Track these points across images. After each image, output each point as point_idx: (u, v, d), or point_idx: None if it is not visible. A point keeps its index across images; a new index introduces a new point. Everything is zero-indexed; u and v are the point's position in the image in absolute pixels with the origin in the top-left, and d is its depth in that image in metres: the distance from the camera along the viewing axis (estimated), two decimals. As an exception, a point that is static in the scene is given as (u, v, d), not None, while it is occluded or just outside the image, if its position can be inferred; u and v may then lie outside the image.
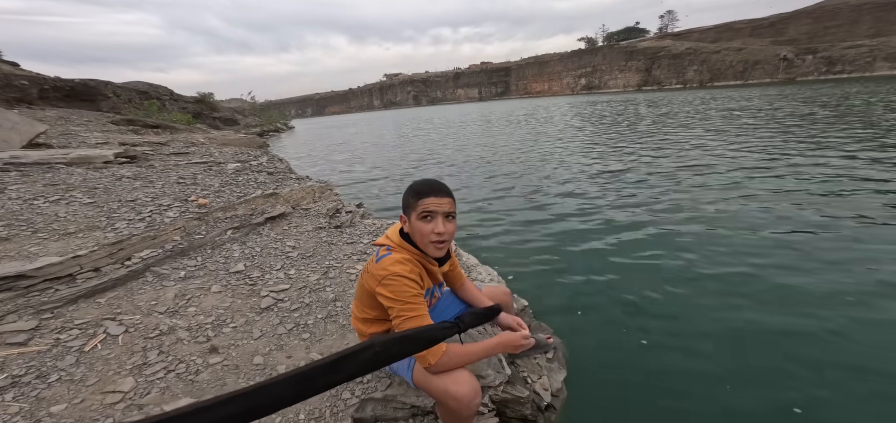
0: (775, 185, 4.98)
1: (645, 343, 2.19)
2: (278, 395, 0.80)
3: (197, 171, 5.12)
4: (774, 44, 58.71)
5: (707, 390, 1.84)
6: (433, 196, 1.16)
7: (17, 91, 11.27)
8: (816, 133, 8.59)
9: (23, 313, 1.95)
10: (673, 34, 78.21)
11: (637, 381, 1.93)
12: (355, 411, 1.40)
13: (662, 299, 2.60)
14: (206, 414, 0.72)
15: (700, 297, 2.60)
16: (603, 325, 2.40)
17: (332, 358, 0.87)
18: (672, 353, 2.10)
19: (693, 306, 2.50)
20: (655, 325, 2.34)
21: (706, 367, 1.98)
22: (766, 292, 2.60)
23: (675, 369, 1.99)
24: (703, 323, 2.33)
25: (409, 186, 1.21)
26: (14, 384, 1.49)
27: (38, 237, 2.67)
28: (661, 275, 2.92)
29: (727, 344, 2.14)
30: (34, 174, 4.05)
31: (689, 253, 3.25)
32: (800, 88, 30.27)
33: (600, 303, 2.63)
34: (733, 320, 2.34)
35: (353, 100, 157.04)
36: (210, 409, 0.71)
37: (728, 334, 2.22)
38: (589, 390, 1.87)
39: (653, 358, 2.08)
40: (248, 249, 2.85)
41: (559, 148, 9.91)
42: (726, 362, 2.01)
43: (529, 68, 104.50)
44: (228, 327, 1.93)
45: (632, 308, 2.53)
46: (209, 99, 24.77)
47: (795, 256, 3.05)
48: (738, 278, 2.79)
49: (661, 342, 2.19)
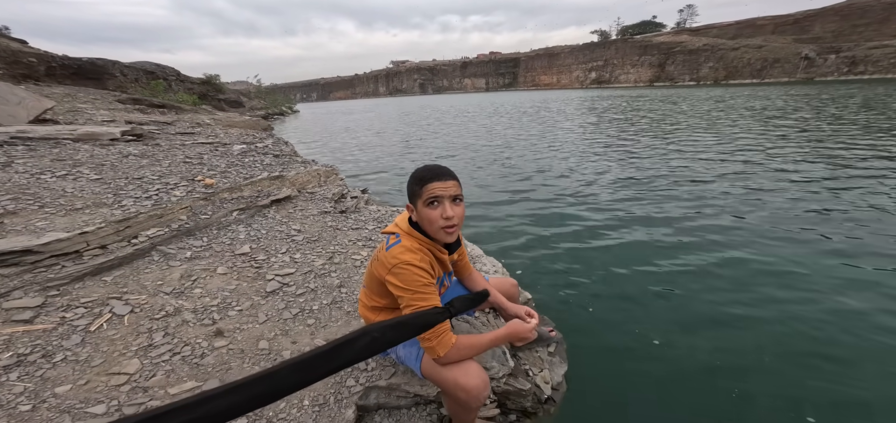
0: (779, 177, 4.87)
1: (657, 343, 2.16)
2: (279, 383, 0.78)
3: (203, 151, 5.10)
4: (797, 41, 56.75)
5: (713, 392, 1.81)
6: (437, 181, 1.12)
7: (24, 68, 11.29)
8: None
9: (29, 290, 1.94)
10: (690, 29, 75.90)
11: (638, 380, 1.92)
12: (359, 398, 1.38)
13: (671, 298, 2.56)
14: (212, 403, 0.70)
15: (708, 296, 2.56)
16: (608, 322, 2.37)
17: (330, 345, 0.86)
18: (677, 353, 2.07)
19: (700, 305, 2.46)
20: (663, 325, 2.30)
21: (713, 369, 1.95)
22: (772, 291, 2.55)
23: (679, 369, 1.96)
24: (712, 324, 2.29)
25: (412, 175, 1.17)
26: (19, 362, 1.49)
27: (45, 212, 2.66)
28: (671, 275, 2.87)
29: (733, 345, 2.10)
30: (41, 149, 4.05)
31: (699, 252, 3.19)
32: (822, 87, 28.88)
33: (606, 300, 2.59)
34: (741, 319, 2.30)
35: (359, 86, 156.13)
36: (215, 398, 0.69)
37: (734, 334, 2.19)
38: (589, 385, 1.87)
39: (657, 357, 2.05)
40: (254, 231, 2.84)
41: (571, 140, 9.78)
42: (732, 361, 1.97)
43: (539, 60, 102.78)
44: (234, 311, 1.92)
45: (638, 306, 2.49)
46: (215, 81, 24.66)
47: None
48: (746, 278, 2.74)
49: (668, 342, 2.16)
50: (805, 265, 2.86)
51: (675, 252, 3.20)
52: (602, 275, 2.91)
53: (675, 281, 2.76)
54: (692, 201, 4.47)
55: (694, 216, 3.98)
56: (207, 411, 0.67)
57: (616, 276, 2.88)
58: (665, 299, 2.55)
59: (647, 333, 2.22)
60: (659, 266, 2.98)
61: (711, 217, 3.93)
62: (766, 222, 3.73)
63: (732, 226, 3.69)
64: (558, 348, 1.89)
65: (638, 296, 2.59)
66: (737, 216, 3.93)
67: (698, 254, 3.15)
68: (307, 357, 0.82)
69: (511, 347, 1.73)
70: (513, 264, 3.08)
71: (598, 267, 3.02)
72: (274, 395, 0.79)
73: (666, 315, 2.39)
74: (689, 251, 3.22)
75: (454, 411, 1.29)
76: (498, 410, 1.46)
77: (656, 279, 2.80)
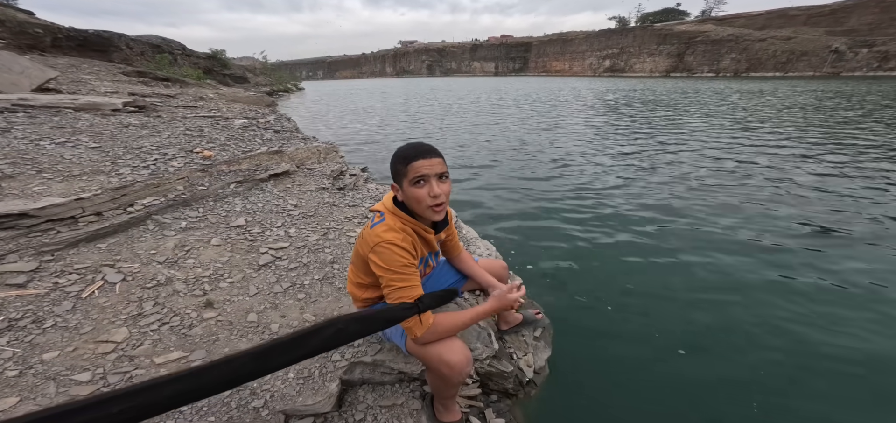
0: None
1: (652, 335, 2.14)
2: (238, 371, 0.78)
3: (204, 124, 5.07)
4: (829, 34, 53.85)
5: (700, 390, 1.79)
6: (423, 158, 1.08)
7: (30, 38, 11.24)
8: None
9: (24, 254, 1.95)
10: (716, 19, 72.24)
11: (621, 369, 1.93)
12: (344, 373, 1.37)
13: (666, 295, 2.52)
14: (155, 392, 0.69)
15: (704, 295, 2.52)
16: (597, 311, 2.36)
17: (294, 334, 0.86)
18: (664, 349, 2.04)
19: (697, 304, 2.42)
20: (653, 319, 2.27)
21: (703, 369, 1.92)
22: (768, 289, 2.51)
23: (666, 364, 1.94)
24: (708, 323, 2.26)
25: (395, 154, 1.13)
26: (10, 327, 1.49)
27: (43, 177, 2.66)
28: (668, 271, 2.82)
29: (726, 344, 2.07)
30: (42, 117, 4.04)
31: (699, 250, 3.13)
32: (855, 83, 27.23)
33: (598, 290, 2.57)
34: (735, 318, 2.28)
35: (365, 65, 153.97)
36: (157, 387, 0.69)
37: (727, 334, 2.15)
38: (571, 370, 1.88)
39: (643, 349, 2.04)
40: (250, 204, 2.82)
41: (577, 130, 9.59)
42: (721, 365, 1.94)
43: (551, 46, 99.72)
44: (225, 282, 1.91)
45: (632, 299, 2.46)
46: (221, 56, 24.46)
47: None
48: (745, 277, 2.69)
49: (656, 338, 2.13)
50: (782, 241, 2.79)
51: (672, 246, 3.14)
52: (597, 265, 2.88)
53: (671, 276, 2.71)
54: (693, 194, 4.37)
55: (689, 209, 3.90)
56: (151, 399, 0.66)
57: (611, 267, 2.85)
58: (662, 295, 2.51)
59: (638, 327, 2.21)
60: (656, 260, 2.93)
61: (705, 211, 3.85)
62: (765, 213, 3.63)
63: (733, 220, 3.60)
64: (544, 334, 1.88)
65: (633, 289, 2.56)
66: (735, 210, 3.83)
67: (696, 246, 3.10)
68: (267, 346, 0.81)
69: (497, 330, 1.71)
70: (505, 247, 3.06)
71: (594, 258, 2.98)
72: (227, 384, 0.78)
73: (662, 311, 2.35)
74: (686, 244, 3.16)
75: (437, 386, 1.29)
76: (479, 390, 1.46)
77: (652, 273, 2.76)
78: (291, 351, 0.82)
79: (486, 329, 1.54)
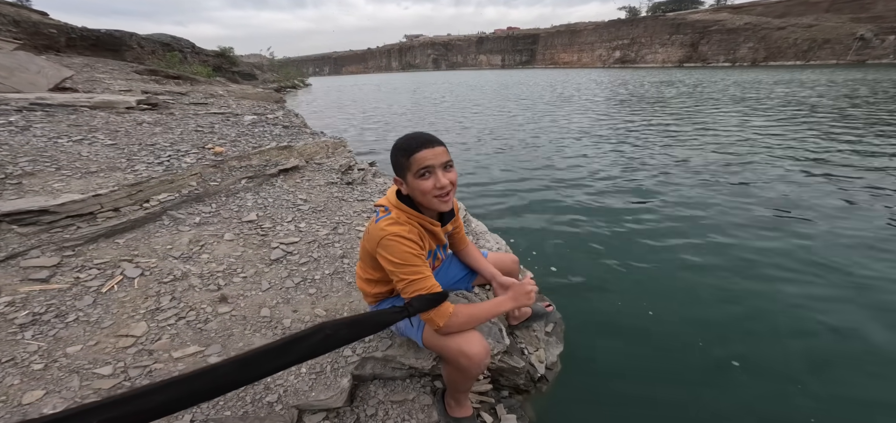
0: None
1: (659, 331, 2.10)
2: (220, 380, 0.78)
3: (215, 121, 5.14)
4: (854, 20, 51.64)
5: (709, 386, 1.76)
6: (426, 149, 1.06)
7: (45, 39, 11.48)
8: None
9: (46, 249, 2.00)
10: (732, 7, 69.73)
11: (634, 365, 1.89)
12: (355, 368, 1.39)
13: (683, 289, 2.48)
14: (147, 399, 0.69)
15: (715, 281, 2.48)
16: (611, 306, 2.32)
17: (283, 341, 0.85)
18: (678, 345, 2.01)
19: (707, 300, 2.37)
20: (671, 314, 2.23)
21: (717, 366, 1.88)
22: (777, 285, 2.44)
23: (679, 361, 1.90)
24: (721, 318, 2.21)
25: (396, 146, 1.10)
26: (34, 321, 1.54)
27: (62, 174, 2.73)
28: (684, 266, 2.77)
29: (741, 341, 2.02)
30: (59, 115, 4.14)
31: (713, 243, 3.07)
32: (882, 71, 26.01)
33: (612, 283, 2.54)
34: (761, 315, 2.22)
35: (371, 60, 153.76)
36: (150, 394, 0.68)
37: (743, 329, 2.11)
38: (583, 366, 1.85)
39: (655, 344, 2.01)
40: (261, 199, 2.85)
41: (585, 125, 9.45)
42: (737, 359, 1.90)
43: (559, 37, 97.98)
44: (238, 277, 1.94)
45: (647, 294, 2.42)
46: (230, 53, 24.68)
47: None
48: (753, 272, 2.63)
49: (668, 332, 2.10)
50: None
51: (687, 240, 3.08)
52: (614, 263, 2.82)
53: (685, 269, 2.67)
54: (709, 187, 4.27)
55: (718, 212, 3.80)
56: (143, 406, 0.67)
57: (625, 260, 2.80)
58: (676, 288, 2.47)
59: (652, 321, 2.17)
60: (670, 254, 2.88)
61: (722, 203, 3.76)
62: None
63: (744, 210, 3.52)
64: (555, 329, 1.86)
65: (646, 282, 2.52)
66: (745, 202, 3.74)
67: (722, 244, 3.01)
68: (255, 353, 0.80)
69: (508, 326, 1.70)
70: (517, 242, 3.03)
71: (611, 255, 2.93)
72: (213, 392, 0.77)
73: (675, 305, 2.31)
74: (704, 236, 3.09)
75: (453, 379, 1.28)
76: (491, 385, 1.46)
77: (668, 267, 2.71)
78: (279, 358, 0.82)
79: (496, 324, 1.53)
